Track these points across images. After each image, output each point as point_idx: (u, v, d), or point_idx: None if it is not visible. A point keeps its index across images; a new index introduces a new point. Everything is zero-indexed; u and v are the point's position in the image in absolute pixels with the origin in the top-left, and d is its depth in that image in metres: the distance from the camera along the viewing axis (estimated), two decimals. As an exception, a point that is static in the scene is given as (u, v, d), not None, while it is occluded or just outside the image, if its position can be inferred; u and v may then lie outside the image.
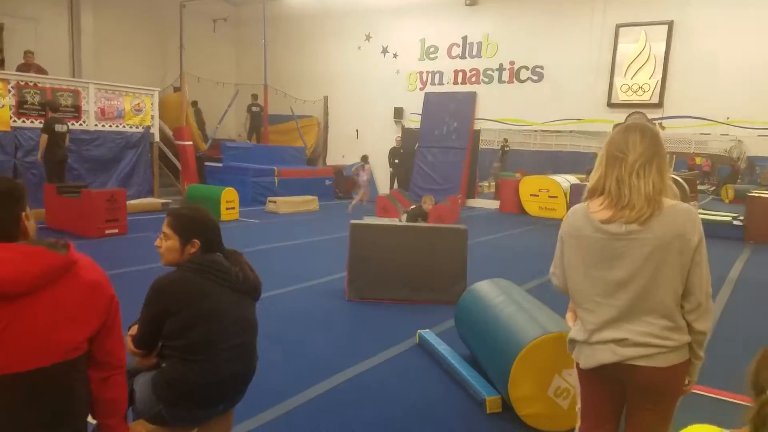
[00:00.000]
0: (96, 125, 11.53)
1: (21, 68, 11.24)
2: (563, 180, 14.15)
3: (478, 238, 9.56)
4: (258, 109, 16.22)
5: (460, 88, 14.99)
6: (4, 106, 10.02)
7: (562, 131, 14.85)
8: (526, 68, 14.13)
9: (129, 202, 9.85)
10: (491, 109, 14.63)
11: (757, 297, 6.72)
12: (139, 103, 12.31)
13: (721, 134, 13.03)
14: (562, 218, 10.52)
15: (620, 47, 12.92)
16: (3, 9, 12.63)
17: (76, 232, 8.44)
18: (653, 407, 1.96)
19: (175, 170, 14.18)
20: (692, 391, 2.06)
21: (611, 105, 13.10)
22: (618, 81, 12.99)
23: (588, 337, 1.96)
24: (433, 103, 15.22)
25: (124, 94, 12.07)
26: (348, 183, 16.42)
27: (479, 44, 14.69)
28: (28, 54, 11.46)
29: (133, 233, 8.95)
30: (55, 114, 9.90)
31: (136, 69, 14.81)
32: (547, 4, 13.68)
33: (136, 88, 12.43)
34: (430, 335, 4.46)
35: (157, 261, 2.34)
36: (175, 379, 2.14)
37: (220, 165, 14.19)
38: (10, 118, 10.11)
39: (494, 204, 14.91)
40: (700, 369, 2.00)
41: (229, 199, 10.86)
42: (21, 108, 10.31)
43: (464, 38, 14.84)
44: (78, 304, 1.67)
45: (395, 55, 15.89)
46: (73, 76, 13.43)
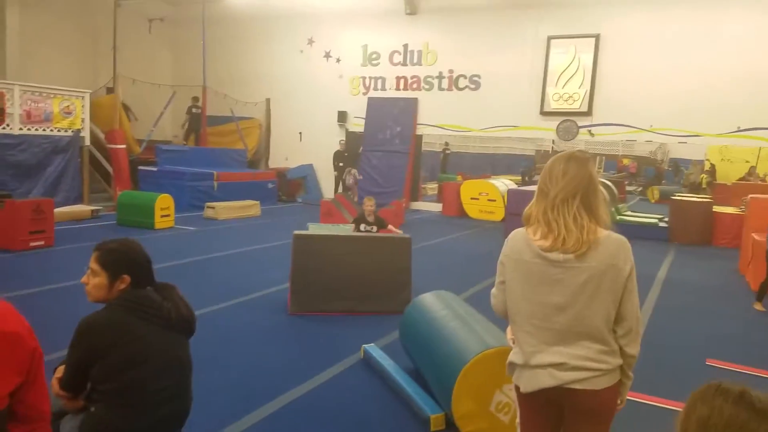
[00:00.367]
0: (21, 129, 10.95)
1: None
2: (501, 184, 14.58)
3: (422, 243, 9.71)
4: (199, 110, 15.83)
5: (402, 93, 15.17)
6: None
7: (499, 137, 15.29)
8: (465, 77, 14.47)
9: (57, 210, 9.38)
10: (432, 115, 14.88)
11: (682, 297, 7.07)
12: (68, 106, 11.77)
13: (645, 141, 13.76)
14: (501, 221, 10.72)
15: (552, 58, 13.43)
16: None
17: (-2, 245, 7.99)
18: (590, 428, 2.05)
19: (107, 175, 13.62)
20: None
21: (544, 113, 13.60)
22: (550, 90, 13.49)
23: (527, 360, 2.02)
24: (376, 108, 15.32)
25: (52, 96, 11.50)
26: (291, 186, 16.29)
27: (420, 52, 14.91)
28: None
29: (61, 245, 8.54)
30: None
31: (66, 69, 14.14)
32: (484, 16, 14.06)
33: (66, 90, 11.87)
34: (374, 350, 4.49)
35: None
36: (104, 425, 2.04)
37: (155, 169, 13.71)
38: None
39: (437, 207, 15.16)
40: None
41: (163, 206, 10.49)
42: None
43: (405, 46, 15.04)
44: None
45: (338, 60, 15.90)
46: (-4, 76, 12.72)
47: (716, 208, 11.58)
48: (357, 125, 15.77)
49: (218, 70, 16.26)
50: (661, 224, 12.18)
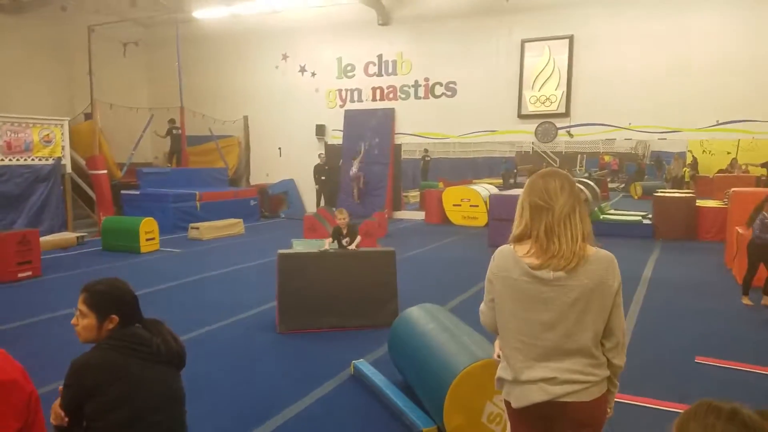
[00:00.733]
0: (2, 160, 10.92)
1: None
2: (483, 189, 14.72)
3: (407, 253, 9.79)
4: (178, 131, 15.83)
5: (378, 104, 15.31)
6: None
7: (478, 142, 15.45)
8: (440, 84, 14.65)
9: (42, 239, 9.38)
10: (410, 124, 15.04)
11: (669, 295, 7.09)
12: (48, 134, 11.74)
13: (625, 139, 14.00)
14: (484, 226, 10.75)
15: (527, 61, 13.64)
16: None
17: (-14, 278, 7.98)
18: None
19: (90, 201, 13.59)
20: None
21: (522, 116, 13.80)
22: (527, 93, 13.70)
23: (516, 376, 2.04)
24: (354, 120, 15.43)
25: (31, 125, 11.47)
26: (273, 202, 16.33)
27: (394, 62, 15.08)
28: None
29: (49, 274, 8.54)
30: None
31: (44, 98, 14.11)
32: (456, 24, 14.24)
33: (45, 118, 11.85)
34: (364, 365, 4.55)
35: (75, 305, 2.23)
36: None
37: (138, 192, 13.70)
38: None
39: (420, 215, 15.28)
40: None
41: (148, 230, 10.50)
42: None
43: (380, 57, 15.19)
44: None
45: (313, 74, 16.01)
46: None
47: (699, 203, 11.61)
48: (336, 138, 15.88)
49: (195, 90, 16.30)
50: (645, 221, 12.21)
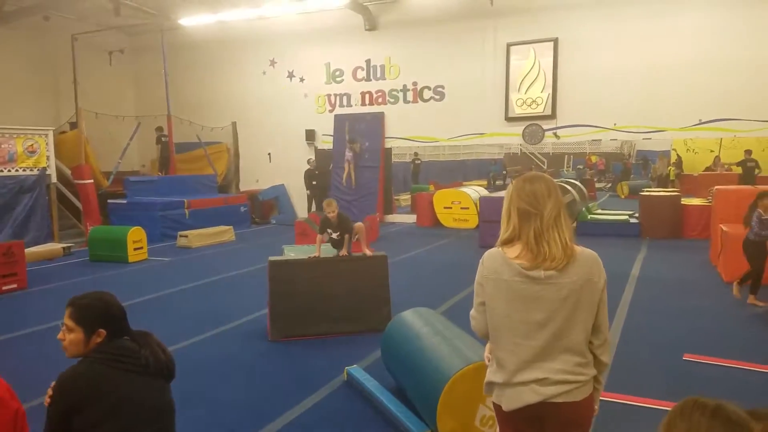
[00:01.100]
0: (-15, 171, 10.80)
1: None
2: (473, 191, 14.77)
3: (399, 257, 9.78)
4: (167, 139, 15.72)
5: (368, 109, 15.29)
6: None
7: (467, 144, 15.49)
8: (429, 88, 14.66)
9: (28, 250, 9.26)
10: (400, 128, 15.02)
11: (656, 293, 7.13)
12: (32, 145, 11.62)
13: (610, 139, 14.06)
14: (475, 228, 10.70)
15: (512, 64, 13.68)
16: None
17: (-30, 292, 7.85)
18: None
19: (76, 211, 13.43)
20: (600, 399, 2.26)
21: (509, 119, 13.83)
22: (513, 96, 13.73)
23: (509, 378, 2.05)
24: (344, 124, 15.40)
25: (15, 136, 11.35)
26: (264, 207, 16.25)
27: (382, 67, 15.07)
28: None
29: (35, 286, 8.41)
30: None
31: (28, 108, 13.97)
32: (443, 28, 14.27)
33: (29, 129, 11.74)
34: (358, 371, 4.53)
35: (62, 317, 2.17)
36: None
37: (125, 201, 13.57)
38: None
39: (411, 218, 15.28)
40: (607, 377, 2.18)
41: (135, 239, 10.40)
42: None
43: (368, 61, 15.18)
44: None
45: (302, 79, 15.97)
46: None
47: (684, 201, 11.77)
48: (326, 142, 15.84)
49: (182, 97, 16.20)
50: (632, 220, 12.35)
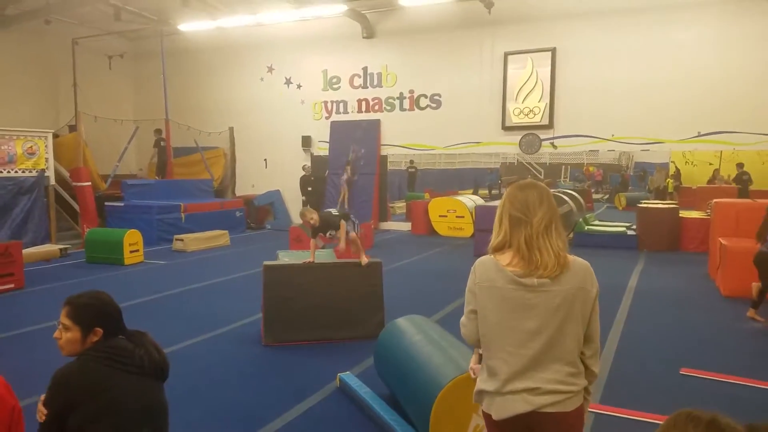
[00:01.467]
0: (-16, 172, 10.88)
1: None
2: (468, 200, 14.85)
3: (394, 264, 9.83)
4: (165, 143, 15.81)
5: (364, 116, 15.41)
6: None
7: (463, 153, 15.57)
8: (425, 96, 14.77)
9: (25, 251, 9.33)
10: (396, 136, 15.13)
11: (654, 306, 7.10)
12: (32, 146, 11.71)
13: (608, 150, 14.16)
14: (470, 237, 10.71)
15: (510, 74, 13.79)
16: None
17: (-33, 292, 7.92)
18: None
19: (74, 213, 13.51)
20: (597, 412, 2.25)
21: (506, 128, 13.93)
22: (510, 105, 13.84)
23: (500, 387, 2.02)
24: (340, 131, 15.53)
25: (15, 137, 11.44)
26: (259, 213, 16.33)
27: (379, 75, 15.20)
28: None
29: (32, 286, 8.48)
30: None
31: (28, 110, 14.05)
32: (440, 37, 14.40)
33: (28, 130, 11.83)
34: (350, 378, 4.50)
35: (58, 317, 2.20)
36: None
37: (122, 204, 13.64)
38: None
39: (406, 226, 15.34)
40: (602, 390, 2.19)
41: (132, 242, 10.47)
42: None
43: (365, 69, 15.31)
44: None
45: (299, 86, 16.10)
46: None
47: (683, 213, 11.64)
48: (322, 149, 15.95)
49: (180, 102, 16.31)
50: (630, 232, 12.24)
